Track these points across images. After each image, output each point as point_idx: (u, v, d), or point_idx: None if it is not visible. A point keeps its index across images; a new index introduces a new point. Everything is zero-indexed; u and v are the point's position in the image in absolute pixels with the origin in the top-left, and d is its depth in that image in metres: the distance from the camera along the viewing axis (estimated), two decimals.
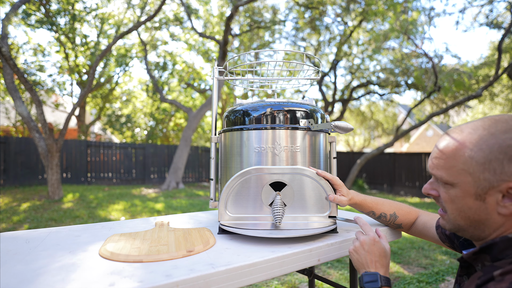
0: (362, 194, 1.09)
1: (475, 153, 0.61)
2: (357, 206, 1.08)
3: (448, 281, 2.71)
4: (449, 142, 0.66)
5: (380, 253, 0.81)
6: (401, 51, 10.53)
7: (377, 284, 0.75)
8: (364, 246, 0.83)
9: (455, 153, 0.64)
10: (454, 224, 0.68)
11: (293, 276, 2.75)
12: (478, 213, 0.63)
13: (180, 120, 16.26)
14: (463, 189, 0.63)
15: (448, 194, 0.66)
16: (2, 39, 5.24)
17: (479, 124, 0.64)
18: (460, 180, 0.63)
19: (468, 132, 0.64)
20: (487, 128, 0.62)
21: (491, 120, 0.63)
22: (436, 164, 0.68)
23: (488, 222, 0.62)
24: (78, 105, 6.80)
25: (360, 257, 0.82)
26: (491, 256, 0.62)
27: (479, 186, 0.61)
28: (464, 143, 0.63)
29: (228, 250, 0.87)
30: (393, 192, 11.05)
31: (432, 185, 0.72)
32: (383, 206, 1.08)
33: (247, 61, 1.19)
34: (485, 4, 8.44)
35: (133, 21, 12.57)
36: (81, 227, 1.13)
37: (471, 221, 0.64)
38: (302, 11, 10.81)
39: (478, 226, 0.64)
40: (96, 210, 5.66)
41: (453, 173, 0.64)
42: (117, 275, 0.69)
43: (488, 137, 0.60)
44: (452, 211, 0.67)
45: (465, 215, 0.65)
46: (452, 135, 0.67)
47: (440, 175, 0.66)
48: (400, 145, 23.99)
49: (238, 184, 0.99)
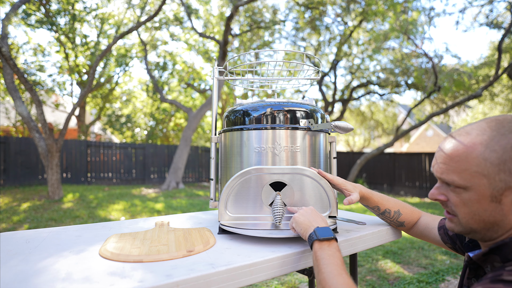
0: (368, 189, 1.08)
1: (488, 155, 0.59)
2: (363, 200, 1.06)
3: (448, 281, 2.71)
4: (458, 145, 0.64)
5: (321, 216, 0.90)
6: (401, 51, 10.53)
7: (331, 234, 0.79)
8: (307, 211, 0.90)
9: (466, 156, 0.62)
10: (465, 228, 0.67)
11: (293, 276, 2.75)
12: (493, 215, 0.61)
13: (180, 120, 16.26)
14: (477, 192, 0.61)
15: (460, 198, 0.65)
16: (2, 39, 5.24)
17: (484, 125, 0.63)
18: (474, 183, 0.61)
19: (477, 134, 0.62)
20: (495, 129, 0.61)
21: (496, 121, 0.62)
22: (445, 169, 0.65)
23: (502, 223, 0.62)
24: (78, 105, 6.80)
25: (306, 218, 0.87)
26: (501, 257, 0.61)
27: (494, 187, 0.59)
28: (475, 145, 0.61)
29: (228, 250, 0.87)
30: (393, 192, 11.05)
31: (440, 190, 0.69)
32: (388, 202, 1.08)
33: (247, 61, 1.19)
34: (485, 4, 8.45)
35: (133, 21, 12.56)
36: (81, 227, 1.13)
37: (485, 223, 0.63)
38: (302, 11, 10.81)
39: (492, 227, 0.63)
40: (96, 210, 5.66)
41: (466, 176, 0.62)
42: (117, 275, 0.69)
43: (499, 137, 0.60)
44: (465, 215, 0.65)
45: (479, 218, 0.63)
46: (459, 138, 0.65)
47: (451, 179, 0.64)
48: (400, 145, 23.99)
49: (238, 184, 0.99)
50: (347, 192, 1.02)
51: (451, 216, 0.69)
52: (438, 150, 0.69)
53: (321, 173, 1.01)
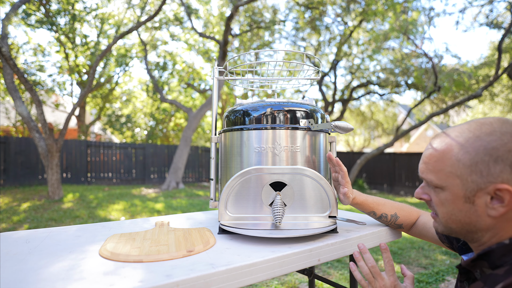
0: (364, 194, 1.08)
1: (461, 156, 0.61)
2: (358, 206, 1.08)
3: (448, 281, 2.71)
4: (437, 146, 0.66)
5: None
6: (401, 51, 10.53)
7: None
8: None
9: (442, 157, 0.64)
10: (446, 227, 0.69)
11: (293, 276, 2.75)
12: (468, 215, 0.63)
13: (180, 120, 16.26)
14: (452, 192, 0.63)
15: (438, 197, 0.67)
16: (2, 39, 5.24)
17: (465, 127, 0.64)
18: (449, 183, 0.63)
19: (455, 136, 0.64)
20: (472, 130, 0.62)
21: (477, 123, 0.63)
22: (425, 168, 0.68)
23: (478, 224, 0.63)
24: (78, 105, 6.80)
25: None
26: (489, 263, 0.62)
27: (467, 188, 0.61)
28: (451, 146, 0.63)
29: (228, 250, 0.87)
30: (393, 192, 11.04)
31: (424, 189, 0.72)
32: (384, 206, 1.08)
33: (247, 61, 1.19)
34: (485, 4, 8.45)
35: (133, 21, 12.56)
36: (81, 227, 1.13)
37: (462, 224, 0.65)
38: (302, 11, 10.81)
39: (469, 228, 0.65)
40: (96, 210, 5.66)
41: (441, 176, 0.64)
42: (117, 275, 0.69)
43: (473, 139, 0.61)
44: (443, 214, 0.67)
45: (456, 218, 0.65)
46: (439, 139, 0.67)
47: (430, 179, 0.67)
48: (400, 145, 23.99)
49: (238, 184, 0.99)
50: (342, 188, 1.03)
51: (435, 216, 0.71)
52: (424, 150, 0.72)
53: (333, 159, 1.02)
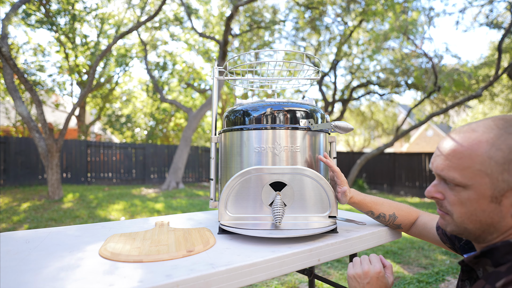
0: (362, 193, 1.08)
1: (493, 153, 0.56)
2: (355, 205, 1.07)
3: (448, 281, 2.71)
4: (462, 142, 0.61)
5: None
6: (401, 51, 10.53)
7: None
8: (367, 277, 0.79)
9: (470, 153, 0.59)
10: (459, 227, 0.64)
11: (293, 276, 2.75)
12: (491, 216, 0.59)
13: (180, 120, 16.26)
14: (478, 191, 0.59)
15: (458, 196, 0.62)
16: (2, 39, 5.24)
17: (491, 123, 0.60)
18: (475, 182, 0.58)
19: (483, 132, 0.59)
20: (502, 127, 0.58)
21: (503, 119, 0.60)
22: (446, 165, 0.62)
23: (499, 225, 0.59)
24: (78, 105, 6.80)
25: (358, 286, 0.79)
26: (492, 261, 0.60)
27: (496, 188, 0.57)
28: (480, 142, 0.58)
29: (228, 250, 0.87)
30: (393, 192, 11.04)
31: (437, 188, 0.66)
32: (382, 206, 1.08)
33: (247, 61, 1.19)
34: (485, 4, 8.45)
35: (133, 21, 12.56)
36: (81, 227, 1.13)
37: (482, 224, 0.61)
38: (302, 11, 10.82)
39: (487, 229, 0.61)
40: (96, 210, 5.66)
41: (468, 174, 0.59)
42: (117, 275, 0.69)
43: (506, 136, 0.57)
44: (461, 214, 0.62)
45: (476, 219, 0.61)
46: (463, 134, 0.62)
47: (452, 176, 0.61)
48: (400, 145, 23.99)
49: (238, 184, 0.99)
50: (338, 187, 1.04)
51: (444, 214, 0.67)
52: (440, 146, 0.66)
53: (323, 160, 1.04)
